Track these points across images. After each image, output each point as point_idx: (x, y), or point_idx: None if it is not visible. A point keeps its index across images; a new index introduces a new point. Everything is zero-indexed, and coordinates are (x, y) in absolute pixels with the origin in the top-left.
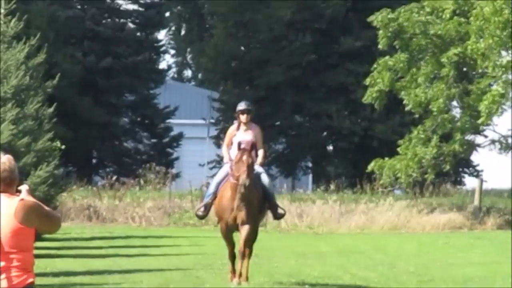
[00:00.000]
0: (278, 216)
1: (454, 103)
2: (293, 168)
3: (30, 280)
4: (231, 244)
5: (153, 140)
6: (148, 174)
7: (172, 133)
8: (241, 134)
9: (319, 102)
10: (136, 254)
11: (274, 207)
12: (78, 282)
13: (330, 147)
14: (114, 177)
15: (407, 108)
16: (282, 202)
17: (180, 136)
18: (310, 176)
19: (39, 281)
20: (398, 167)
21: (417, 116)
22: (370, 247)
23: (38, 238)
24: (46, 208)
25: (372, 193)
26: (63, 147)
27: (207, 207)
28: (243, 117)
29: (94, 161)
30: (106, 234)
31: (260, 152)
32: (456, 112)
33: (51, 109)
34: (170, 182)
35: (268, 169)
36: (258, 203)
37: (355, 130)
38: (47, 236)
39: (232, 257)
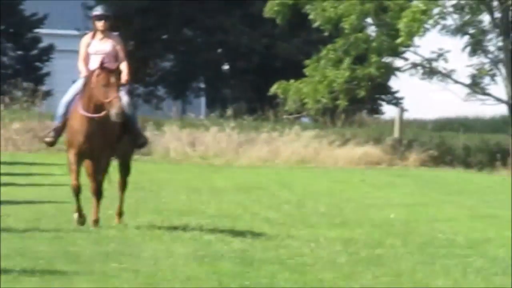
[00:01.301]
0: (139, 145)
1: (369, 20)
2: (183, 89)
3: None
4: (77, 172)
5: (19, 52)
6: (14, 91)
7: (41, 45)
8: (96, 44)
9: (212, 15)
10: (1, 184)
11: (135, 135)
12: None
13: (226, 67)
14: None
15: (314, 25)
16: (171, 128)
17: (50, 48)
18: (203, 99)
19: None
20: (305, 91)
21: (326, 34)
22: (274, 182)
23: None
24: None
25: (276, 121)
26: None
27: (57, 132)
28: (99, 24)
29: None
30: None
31: (124, 67)
32: (372, 30)
33: None
34: (40, 101)
35: (154, 89)
36: (118, 130)
37: (254, 48)
38: None
39: (77, 190)
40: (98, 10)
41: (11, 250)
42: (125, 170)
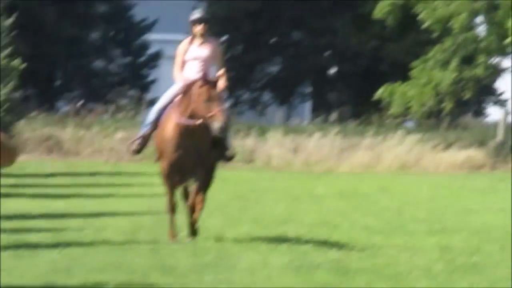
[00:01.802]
0: (227, 158)
1: (479, 19)
2: (289, 94)
3: None
4: (172, 187)
5: (127, 59)
6: (119, 100)
7: (149, 51)
8: (195, 49)
9: (321, 16)
10: (102, 195)
11: (223, 146)
12: (33, 227)
13: (333, 70)
14: (80, 103)
15: (424, 25)
16: (275, 134)
17: (158, 54)
18: (308, 104)
19: None
20: (410, 94)
21: (435, 34)
22: (375, 189)
23: None
24: (3, 135)
25: (380, 125)
26: (23, 66)
27: (145, 140)
28: (197, 28)
29: (57, 83)
30: (68, 169)
31: (222, 73)
32: (481, 30)
33: (10, 20)
34: (145, 109)
35: (260, 94)
36: (210, 141)
37: (362, 51)
38: None
39: (173, 207)
40: (196, 14)
41: (107, 264)
42: (207, 184)
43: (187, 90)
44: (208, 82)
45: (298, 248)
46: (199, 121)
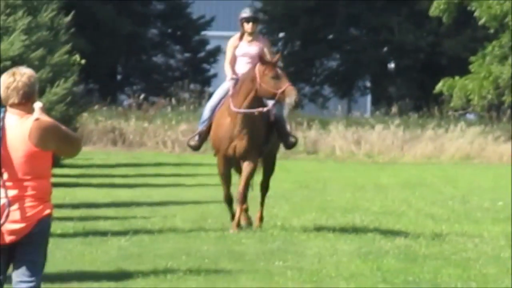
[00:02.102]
0: (289, 145)
1: None
2: (349, 88)
3: (47, 211)
4: (228, 182)
5: (187, 55)
6: (181, 93)
7: (208, 47)
8: (244, 46)
9: (378, 13)
10: (167, 184)
11: (284, 135)
12: (101, 215)
13: (392, 65)
14: (142, 96)
15: (479, 22)
16: (337, 126)
17: (217, 50)
18: (369, 97)
19: (56, 213)
20: (470, 87)
21: (491, 31)
22: (439, 179)
23: (56, 164)
24: (64, 128)
25: (441, 117)
26: (83, 61)
27: (202, 136)
28: (247, 26)
29: (118, 77)
30: (133, 160)
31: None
32: None
33: (68, 18)
34: (206, 102)
35: (320, 88)
36: (266, 130)
37: (420, 46)
38: (66, 162)
39: (229, 200)
40: (246, 12)
41: (177, 250)
42: (269, 172)
43: (247, 78)
44: (267, 62)
45: (365, 236)
46: (260, 109)
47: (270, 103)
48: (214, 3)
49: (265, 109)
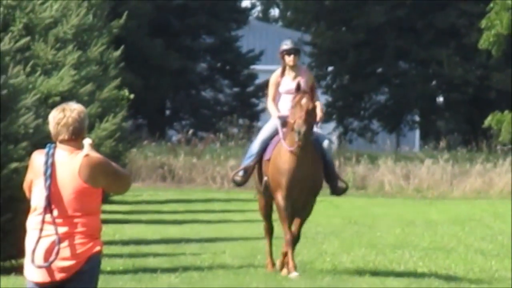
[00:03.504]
0: (337, 191)
1: None
2: (398, 122)
3: (97, 248)
4: (286, 219)
5: (235, 89)
6: (230, 128)
7: (257, 81)
8: (287, 81)
9: (427, 47)
10: (217, 220)
11: (333, 179)
12: (150, 252)
13: (441, 99)
14: (191, 131)
15: None
16: (386, 161)
17: (266, 84)
18: (417, 132)
19: (106, 249)
20: None
21: None
22: (488, 214)
23: (106, 200)
24: (114, 164)
25: (490, 152)
26: (131, 96)
27: (248, 172)
28: (289, 59)
29: (167, 112)
30: (182, 196)
31: (317, 104)
32: None
33: (117, 53)
34: (255, 137)
35: (369, 123)
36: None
37: (469, 80)
38: (115, 198)
39: (270, 234)
40: (287, 44)
41: (227, 287)
42: (306, 214)
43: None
44: (299, 91)
45: (415, 272)
46: (292, 148)
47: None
48: (264, 37)
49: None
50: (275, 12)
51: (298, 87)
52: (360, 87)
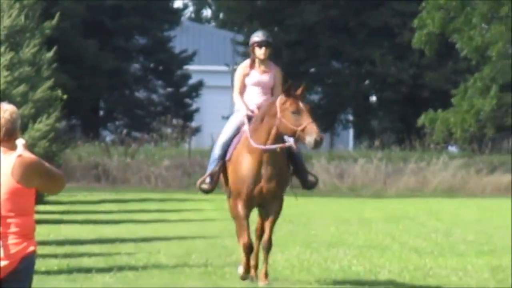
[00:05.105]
0: (308, 185)
1: None
2: (332, 121)
3: (31, 248)
4: (248, 227)
5: (169, 89)
6: (164, 128)
7: (190, 81)
8: (256, 74)
9: (360, 46)
10: (152, 220)
11: (302, 173)
12: (86, 252)
13: (374, 98)
14: (125, 131)
15: (461, 54)
16: (319, 160)
17: (199, 84)
18: (351, 131)
19: (40, 250)
20: (452, 120)
21: (473, 62)
22: (422, 212)
23: (40, 201)
24: (47, 165)
25: (423, 151)
26: (65, 96)
27: (214, 177)
28: (260, 52)
29: (101, 113)
30: (117, 197)
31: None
32: None
33: (50, 53)
34: (189, 137)
35: None
36: (286, 168)
37: (402, 79)
38: (50, 199)
39: (249, 248)
40: (259, 36)
41: (162, 286)
42: (276, 215)
43: (265, 112)
44: (291, 95)
45: (349, 270)
46: (282, 145)
47: (290, 139)
48: (196, 38)
49: (287, 144)
50: (207, 12)
51: (287, 90)
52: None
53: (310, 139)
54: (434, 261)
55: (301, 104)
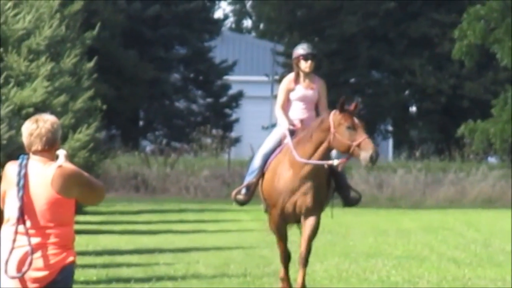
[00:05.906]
0: (350, 202)
1: None
2: (371, 131)
3: (70, 258)
4: (284, 240)
5: (209, 100)
6: (203, 139)
7: (230, 92)
8: (301, 89)
9: (400, 56)
10: (190, 230)
11: (345, 189)
12: (124, 262)
13: (413, 108)
14: (164, 142)
15: (501, 64)
16: (358, 171)
17: (239, 95)
18: (391, 142)
19: (80, 260)
20: (492, 131)
21: None
22: (461, 223)
23: (79, 211)
24: (87, 175)
25: (463, 161)
26: (104, 107)
27: (251, 189)
28: (305, 65)
29: (141, 123)
30: (156, 207)
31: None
32: None
33: (91, 64)
34: (228, 147)
35: None
36: (326, 183)
37: (441, 89)
38: (89, 209)
39: (287, 259)
40: (304, 49)
41: None
42: (311, 231)
43: (317, 126)
44: (346, 111)
45: (388, 280)
46: (331, 162)
47: (333, 154)
48: (236, 48)
49: (335, 162)
50: (248, 23)
51: (342, 105)
52: (333, 96)
53: (366, 154)
54: (473, 272)
55: (356, 120)
